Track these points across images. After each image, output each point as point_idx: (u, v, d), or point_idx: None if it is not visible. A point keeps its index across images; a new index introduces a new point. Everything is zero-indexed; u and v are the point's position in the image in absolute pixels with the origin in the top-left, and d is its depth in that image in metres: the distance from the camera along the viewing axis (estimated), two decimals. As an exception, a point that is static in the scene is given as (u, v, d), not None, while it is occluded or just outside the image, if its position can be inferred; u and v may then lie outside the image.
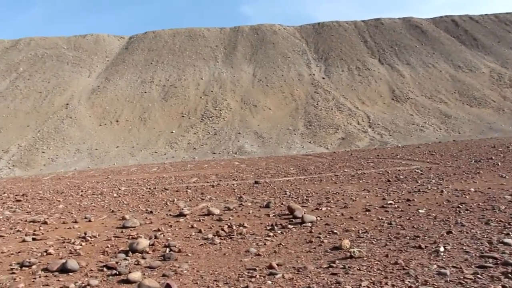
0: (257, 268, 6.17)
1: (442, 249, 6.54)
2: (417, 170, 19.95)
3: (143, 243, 7.60)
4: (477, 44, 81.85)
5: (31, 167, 43.96)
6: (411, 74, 71.36)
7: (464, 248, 6.64)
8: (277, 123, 55.76)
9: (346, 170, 22.42)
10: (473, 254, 6.29)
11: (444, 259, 6.14)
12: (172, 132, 54.44)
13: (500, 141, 38.07)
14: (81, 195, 18.21)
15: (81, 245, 8.50)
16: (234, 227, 9.25)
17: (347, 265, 6.07)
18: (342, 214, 10.17)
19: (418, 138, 49.90)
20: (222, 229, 8.98)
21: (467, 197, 11.70)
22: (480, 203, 10.57)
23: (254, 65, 73.29)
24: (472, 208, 9.92)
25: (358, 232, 8.17)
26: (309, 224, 9.14)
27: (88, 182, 25.34)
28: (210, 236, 8.51)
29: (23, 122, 55.85)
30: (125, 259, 7.11)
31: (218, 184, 19.17)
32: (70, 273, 6.48)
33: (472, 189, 12.95)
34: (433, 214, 9.50)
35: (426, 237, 7.43)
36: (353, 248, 6.83)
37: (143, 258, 7.10)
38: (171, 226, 10.02)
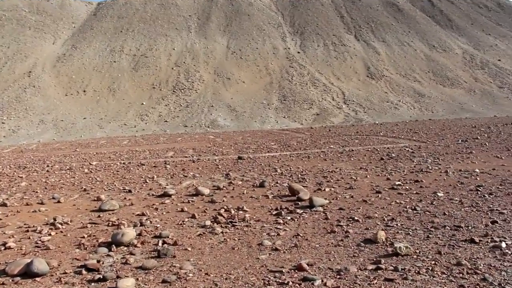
0: (283, 270, 4.83)
1: (504, 244, 5.39)
2: (406, 148, 19.03)
3: (129, 233, 6.07)
4: (451, 25, 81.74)
5: (-10, 138, 41.34)
6: (387, 51, 70.65)
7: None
8: (251, 97, 54.32)
9: (331, 146, 21.30)
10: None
11: (516, 258, 4.99)
12: (143, 103, 52.25)
13: (476, 121, 37.78)
14: (47, 171, 16.31)
15: (49, 235, 6.84)
16: (233, 211, 7.89)
17: (399, 266, 4.82)
18: (352, 196, 8.98)
19: (393, 116, 49.44)
20: (219, 214, 7.61)
21: (478, 178, 10.83)
22: (498, 186, 9.71)
23: (228, 37, 71.08)
24: (494, 192, 8.98)
25: (384, 220, 6.95)
26: (320, 209, 7.87)
27: (54, 155, 23.41)
28: (208, 223, 7.09)
29: (-18, 90, 52.59)
30: (109, 255, 5.63)
31: (198, 159, 17.72)
32: (36, 278, 4.89)
33: (477, 170, 12.10)
34: (456, 198, 8.42)
35: (470, 228, 6.28)
36: (394, 242, 5.60)
37: (132, 254, 5.63)
38: (156, 209, 8.58)
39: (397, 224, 6.62)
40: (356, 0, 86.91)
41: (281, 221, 7.05)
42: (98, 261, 5.31)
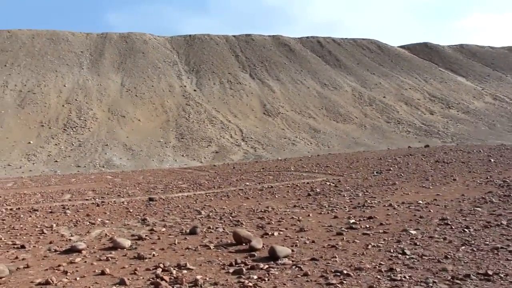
0: None
1: None
2: (327, 183, 18.12)
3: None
4: (340, 65, 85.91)
5: None
6: (281, 89, 71.97)
7: None
8: (147, 135, 51.85)
9: (247, 183, 19.83)
10: None
11: None
12: (30, 142, 47.39)
13: (375, 154, 38.58)
14: None
15: None
16: (174, 271, 5.86)
17: None
18: (313, 241, 7.40)
19: (291, 152, 49.51)
20: (158, 277, 5.59)
21: (431, 210, 10.01)
22: (464, 218, 8.89)
23: (123, 74, 68.17)
24: (468, 225, 8.04)
25: (380, 271, 5.43)
26: (288, 261, 6.15)
27: None
28: None
29: None
30: None
31: (102, 202, 15.17)
32: None
33: (420, 202, 11.42)
34: (436, 236, 7.28)
35: (503, 276, 5.00)
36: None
37: None
38: (65, 272, 6.15)
39: (404, 276, 5.12)
40: (250, 40, 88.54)
41: (249, 283, 5.15)
42: None
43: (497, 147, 35.37)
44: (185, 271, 5.91)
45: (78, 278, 5.86)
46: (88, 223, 10.78)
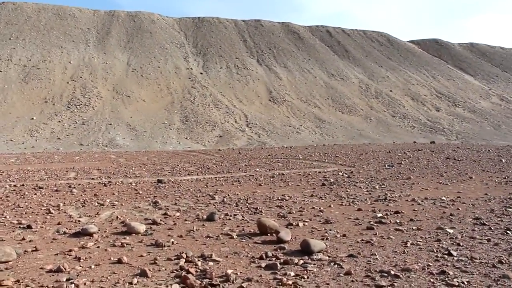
0: None
1: None
2: (340, 173, 17.66)
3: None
4: (348, 56, 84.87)
5: None
6: (288, 77, 71.15)
7: None
8: (152, 116, 51.26)
9: (257, 170, 19.31)
10: None
11: None
12: (33, 118, 46.84)
13: (381, 147, 38.02)
14: None
15: None
16: (199, 263, 5.31)
17: None
18: (344, 235, 6.84)
19: (295, 140, 48.94)
20: (183, 269, 5.04)
21: (460, 208, 9.53)
22: (500, 218, 8.40)
23: (129, 53, 67.35)
24: (508, 227, 7.45)
25: (430, 273, 4.86)
26: (324, 256, 5.58)
27: None
28: (175, 287, 4.47)
29: None
30: None
31: (109, 182, 14.61)
32: None
33: (444, 198, 10.97)
34: (477, 236, 6.74)
35: None
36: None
37: None
38: (77, 258, 5.58)
39: (462, 282, 4.54)
40: (259, 25, 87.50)
41: (288, 281, 4.58)
42: None
43: (505, 147, 34.85)
44: (211, 263, 5.35)
45: (93, 266, 5.30)
46: (96, 203, 10.22)
